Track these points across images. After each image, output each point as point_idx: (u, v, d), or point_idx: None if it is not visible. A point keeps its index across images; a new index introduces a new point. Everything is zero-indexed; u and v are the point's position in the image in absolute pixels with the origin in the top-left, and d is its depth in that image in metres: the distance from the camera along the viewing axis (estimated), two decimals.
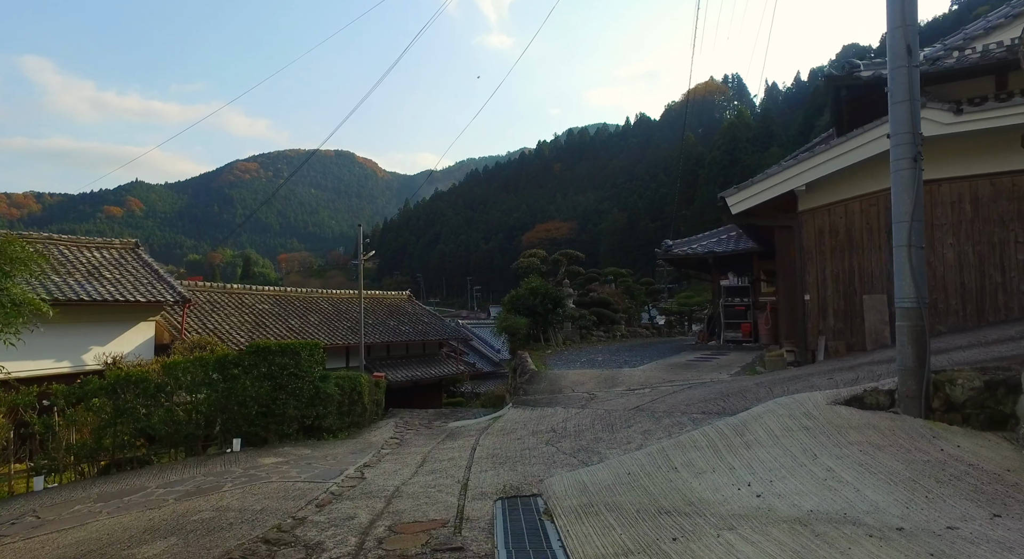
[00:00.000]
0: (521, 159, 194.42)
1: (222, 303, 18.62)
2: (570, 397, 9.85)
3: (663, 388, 9.47)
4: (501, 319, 15.97)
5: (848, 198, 9.18)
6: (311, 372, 9.16)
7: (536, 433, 7.45)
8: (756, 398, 6.48)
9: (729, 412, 6.23)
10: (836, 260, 9.28)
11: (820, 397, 5.33)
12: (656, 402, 8.00)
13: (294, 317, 19.82)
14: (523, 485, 5.01)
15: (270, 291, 21.30)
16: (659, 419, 6.65)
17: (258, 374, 8.56)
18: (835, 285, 9.27)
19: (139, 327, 14.39)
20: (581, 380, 11.21)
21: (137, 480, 6.47)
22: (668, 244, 18.08)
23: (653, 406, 7.66)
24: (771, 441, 4.85)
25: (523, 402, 10.05)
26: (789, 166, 9.13)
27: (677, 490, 4.37)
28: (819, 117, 78.97)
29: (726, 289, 17.81)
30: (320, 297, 22.56)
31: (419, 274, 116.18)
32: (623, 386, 10.32)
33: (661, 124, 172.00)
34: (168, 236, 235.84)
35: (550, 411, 8.84)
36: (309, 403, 9.11)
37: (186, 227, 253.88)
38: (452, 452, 7.09)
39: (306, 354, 9.10)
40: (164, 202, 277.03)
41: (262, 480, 5.91)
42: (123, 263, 15.03)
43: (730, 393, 7.13)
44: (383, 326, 22.30)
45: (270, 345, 8.80)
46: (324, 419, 9.41)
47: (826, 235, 9.36)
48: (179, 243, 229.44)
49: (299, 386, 8.93)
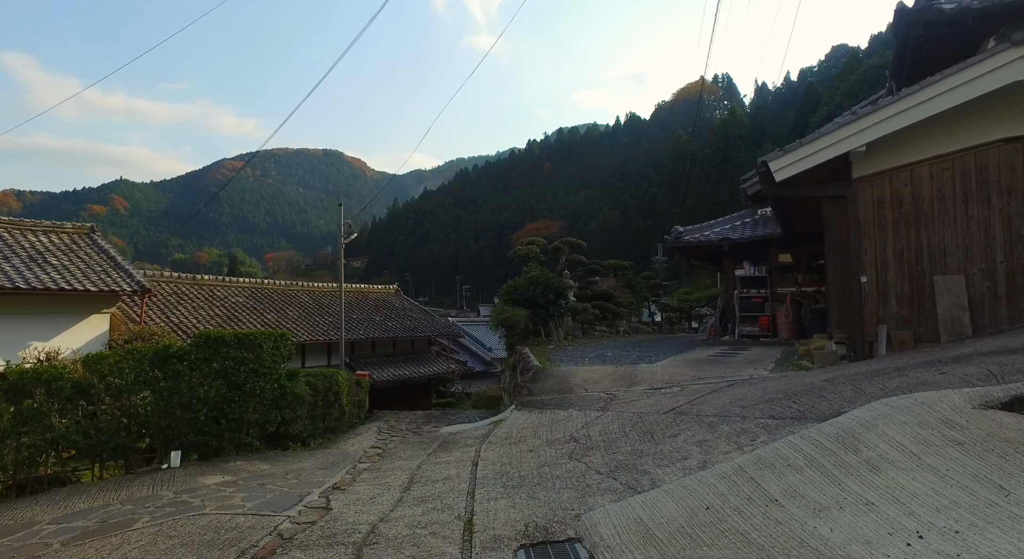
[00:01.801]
0: (511, 158, 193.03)
1: (190, 295, 16.97)
2: (584, 397, 8.37)
3: (696, 387, 8.01)
4: (497, 311, 14.46)
5: (915, 162, 7.77)
6: (275, 368, 7.61)
7: (552, 443, 5.96)
8: (842, 398, 5.03)
9: (811, 417, 4.78)
10: (899, 235, 7.87)
11: (958, 398, 3.88)
12: (697, 403, 6.53)
13: (271, 311, 18.20)
14: (552, 523, 3.52)
15: (245, 283, 19.66)
16: (714, 426, 5.19)
17: (208, 371, 7.00)
18: (898, 265, 7.87)
19: (91, 320, 12.73)
20: (593, 377, 9.74)
21: (30, 511, 4.91)
22: (679, 230, 16.65)
23: (696, 408, 6.20)
24: (908, 460, 3.38)
25: (528, 403, 8.56)
26: (847, 122, 7.72)
27: (795, 538, 2.88)
28: (812, 115, 78.41)
29: (741, 279, 16.40)
30: (300, 290, 20.93)
31: (408, 273, 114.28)
32: (645, 384, 8.86)
33: (651, 123, 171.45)
34: (153, 235, 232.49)
35: (563, 414, 7.35)
36: (273, 406, 7.56)
37: (172, 226, 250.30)
38: (448, 468, 5.58)
39: (269, 347, 7.55)
40: (149, 201, 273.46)
41: (192, 511, 4.37)
42: (74, 249, 13.35)
43: (797, 392, 5.70)
44: (368, 321, 20.72)
45: (223, 335, 7.24)
46: (292, 425, 7.87)
47: (887, 206, 7.96)
48: (164, 242, 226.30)
49: (260, 385, 7.38)
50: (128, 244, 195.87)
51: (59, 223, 14.19)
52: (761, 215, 17.33)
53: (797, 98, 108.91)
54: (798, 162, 8.05)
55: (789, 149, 8.12)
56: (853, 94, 59.66)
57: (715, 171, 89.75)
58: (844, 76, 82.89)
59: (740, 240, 16.05)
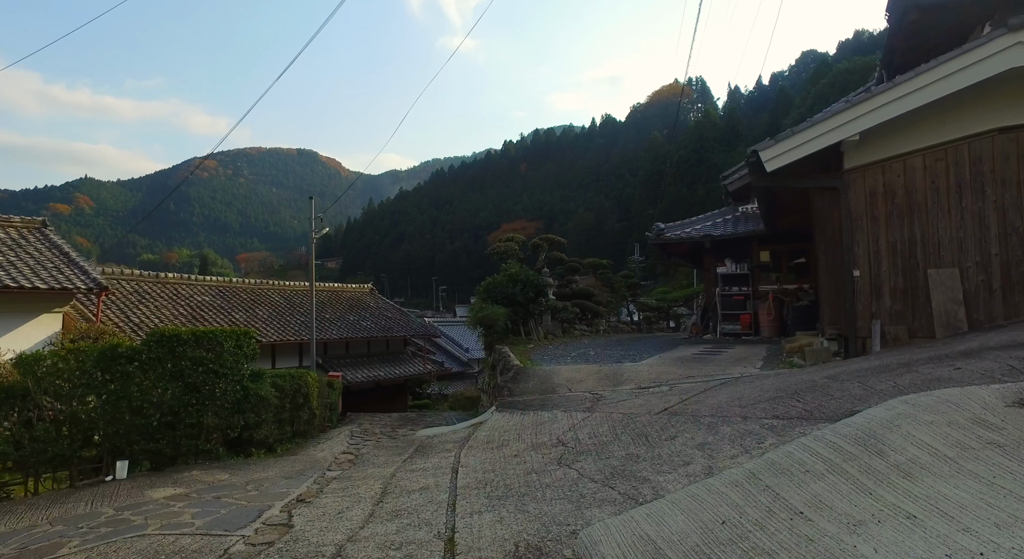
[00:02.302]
0: (487, 159, 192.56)
1: (153, 294, 16.15)
2: (569, 398, 7.95)
3: (685, 385, 7.65)
4: (476, 309, 13.98)
5: (908, 152, 7.52)
6: (237, 369, 7.05)
7: (538, 447, 5.52)
8: (852, 396, 4.69)
9: (821, 417, 4.42)
10: (893, 228, 7.61)
11: (988, 395, 3.54)
12: (691, 403, 6.16)
13: (239, 310, 17.45)
14: (546, 541, 3.08)
15: (212, 282, 18.85)
16: (714, 427, 4.81)
17: (163, 372, 6.41)
18: (891, 258, 7.61)
19: (41, 320, 11.92)
20: (577, 377, 9.33)
21: None
22: (660, 227, 16.37)
23: (691, 408, 5.81)
24: (944, 465, 3.01)
25: (510, 404, 8.12)
26: (841, 109, 7.44)
27: None
28: (785, 117, 79.57)
29: (723, 277, 16.19)
30: (270, 288, 20.18)
31: (383, 274, 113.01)
32: (631, 384, 8.48)
33: (627, 125, 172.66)
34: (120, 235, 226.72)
35: (548, 416, 6.93)
36: (235, 409, 6.99)
37: (140, 226, 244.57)
38: (425, 476, 5.10)
39: (231, 345, 6.98)
40: (116, 200, 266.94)
41: (132, 532, 3.83)
42: (22, 244, 12.52)
43: (799, 390, 5.35)
44: (342, 321, 20.05)
45: (180, 333, 6.65)
46: (256, 429, 7.30)
47: (880, 197, 7.70)
48: (133, 242, 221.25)
49: (221, 387, 6.81)
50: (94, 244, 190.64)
51: (6, 217, 13.31)
52: (743, 212, 17.17)
53: (769, 101, 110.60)
54: (790, 151, 7.75)
55: (781, 138, 7.82)
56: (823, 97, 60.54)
57: (690, 172, 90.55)
58: (815, 80, 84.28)
59: (722, 237, 15.83)
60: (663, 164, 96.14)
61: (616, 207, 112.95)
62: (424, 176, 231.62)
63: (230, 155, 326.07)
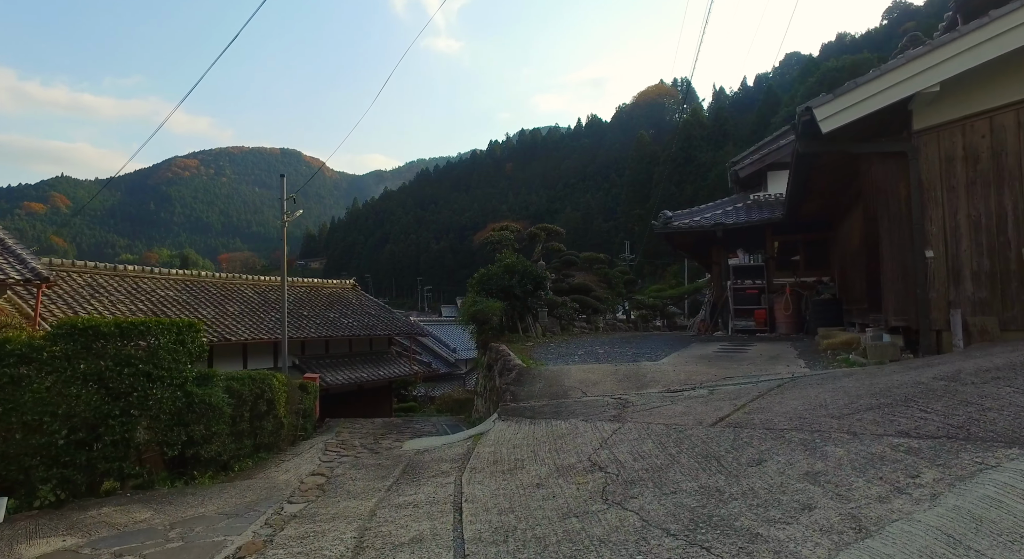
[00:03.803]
0: (473, 159, 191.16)
1: (109, 288, 14.56)
2: (587, 403, 6.61)
3: (729, 388, 6.34)
4: (468, 304, 12.57)
5: (996, 108, 6.28)
6: (177, 370, 5.60)
7: (566, 472, 4.15)
8: (1018, 406, 3.38)
9: (992, 437, 3.09)
10: (976, 199, 6.38)
11: None
12: (753, 412, 4.83)
13: (207, 306, 15.89)
14: None
15: (178, 275, 17.25)
16: (813, 447, 3.49)
17: (73, 375, 4.95)
18: (974, 236, 6.37)
19: None
20: (591, 378, 7.99)
21: None
22: (667, 215, 15.09)
23: (757, 419, 4.49)
24: None
25: (515, 411, 6.75)
26: (919, 54, 6.14)
27: None
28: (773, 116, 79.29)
29: (735, 269, 14.96)
30: (243, 283, 18.60)
31: (368, 274, 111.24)
32: (658, 386, 7.15)
33: (612, 125, 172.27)
34: (99, 235, 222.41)
35: (566, 427, 5.57)
36: (175, 421, 5.55)
37: (119, 225, 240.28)
38: (417, 517, 3.71)
39: (168, 341, 5.54)
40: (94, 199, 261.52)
41: None
42: None
43: (911, 396, 4.06)
44: (321, 318, 18.53)
45: (99, 325, 5.18)
46: (205, 445, 5.86)
47: (959, 163, 6.47)
48: (111, 242, 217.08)
49: (156, 394, 5.36)
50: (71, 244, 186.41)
51: None
52: (754, 200, 15.95)
53: (754, 102, 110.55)
54: (852, 107, 6.47)
55: (842, 91, 6.52)
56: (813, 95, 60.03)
57: (678, 171, 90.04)
58: (803, 78, 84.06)
59: (735, 225, 14.59)
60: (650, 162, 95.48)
61: (603, 207, 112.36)
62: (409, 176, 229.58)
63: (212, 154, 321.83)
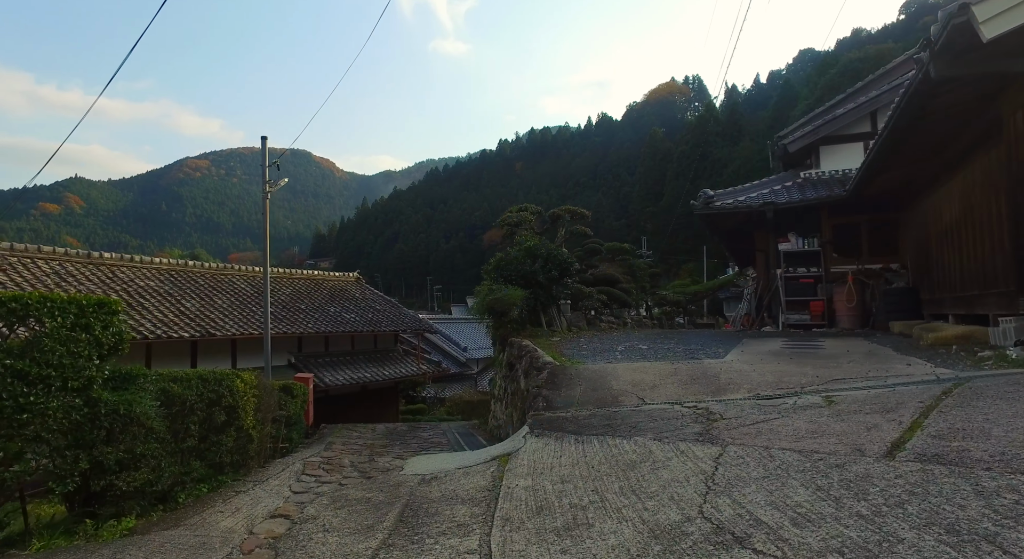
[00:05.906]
0: (482, 158, 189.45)
1: (79, 276, 12.97)
2: (651, 414, 4.86)
3: (853, 395, 4.57)
4: (483, 293, 10.82)
5: None
6: (77, 368, 3.91)
7: (666, 537, 2.43)
8: None
9: None
10: None
11: None
12: (953, 438, 3.08)
13: (192, 298, 14.28)
14: None
15: (161, 264, 15.67)
16: None
17: None
18: None
19: None
20: (647, 380, 6.24)
21: None
22: (708, 194, 13.28)
23: (977, 451, 2.76)
24: None
25: (553, 424, 5.02)
26: None
27: None
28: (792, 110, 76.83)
29: (787, 255, 13.14)
30: (234, 274, 17.01)
31: (377, 274, 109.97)
32: (741, 390, 5.39)
33: (623, 124, 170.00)
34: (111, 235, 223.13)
35: (633, 450, 3.84)
36: (74, 442, 3.87)
37: (131, 226, 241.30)
38: None
39: (62, 326, 3.85)
40: (107, 200, 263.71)
41: None
42: None
43: None
44: (321, 313, 16.89)
45: None
46: (124, 473, 4.17)
47: None
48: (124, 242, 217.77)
49: (43, 403, 3.67)
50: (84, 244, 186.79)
51: None
52: (806, 178, 14.11)
53: (767, 99, 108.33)
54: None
55: None
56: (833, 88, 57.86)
57: (691, 168, 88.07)
58: (824, 70, 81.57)
59: (787, 205, 12.76)
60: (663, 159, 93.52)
61: (614, 205, 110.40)
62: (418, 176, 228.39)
63: (223, 155, 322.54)
